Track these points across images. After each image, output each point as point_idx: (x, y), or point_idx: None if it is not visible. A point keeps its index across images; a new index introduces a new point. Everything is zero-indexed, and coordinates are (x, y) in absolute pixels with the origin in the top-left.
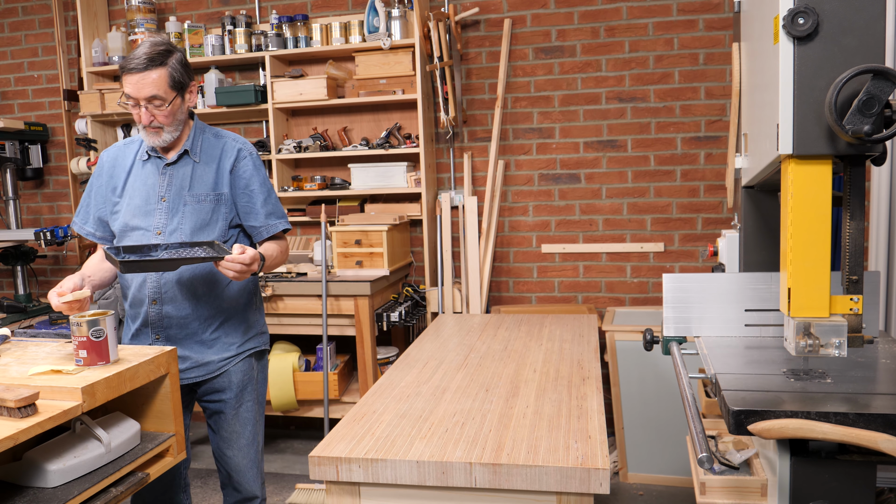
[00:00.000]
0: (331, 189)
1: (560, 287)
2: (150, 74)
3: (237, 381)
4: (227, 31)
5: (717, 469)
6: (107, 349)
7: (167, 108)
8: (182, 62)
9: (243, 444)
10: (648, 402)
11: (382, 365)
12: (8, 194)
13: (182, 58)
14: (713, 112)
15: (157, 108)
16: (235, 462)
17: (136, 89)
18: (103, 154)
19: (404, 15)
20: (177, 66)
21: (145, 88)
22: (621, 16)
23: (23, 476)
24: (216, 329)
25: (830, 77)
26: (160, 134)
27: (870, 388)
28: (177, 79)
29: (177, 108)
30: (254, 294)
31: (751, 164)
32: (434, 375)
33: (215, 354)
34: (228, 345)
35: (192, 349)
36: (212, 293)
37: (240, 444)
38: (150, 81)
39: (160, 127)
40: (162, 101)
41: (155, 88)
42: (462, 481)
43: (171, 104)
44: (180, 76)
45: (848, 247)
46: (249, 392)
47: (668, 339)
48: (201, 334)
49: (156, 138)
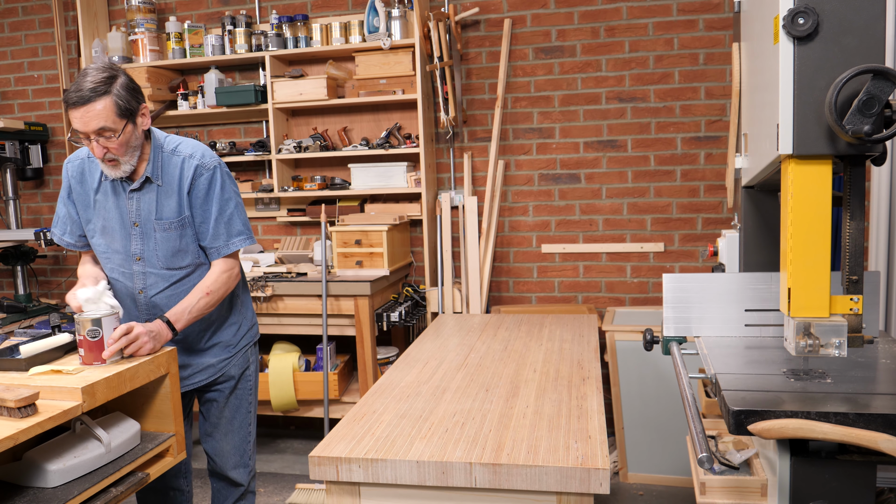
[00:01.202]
0: (331, 189)
1: (560, 287)
2: (94, 106)
3: (235, 374)
4: (227, 31)
5: (717, 469)
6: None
7: (119, 139)
8: (128, 87)
9: (230, 430)
10: (648, 402)
11: (382, 365)
12: (8, 194)
13: (127, 82)
14: (713, 112)
15: (108, 140)
16: (220, 446)
17: (82, 123)
18: (66, 165)
19: (404, 15)
20: (121, 93)
21: (92, 121)
22: (621, 16)
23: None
24: (210, 338)
25: (830, 77)
26: (118, 166)
27: (870, 388)
28: (123, 106)
29: (129, 136)
30: (237, 295)
31: (751, 164)
32: (434, 375)
33: (214, 357)
34: (224, 346)
35: (191, 357)
36: None
37: (227, 428)
38: (96, 113)
39: (116, 159)
40: (112, 131)
41: (102, 120)
42: (462, 481)
43: (123, 133)
44: (127, 102)
45: (848, 247)
46: (244, 381)
47: (668, 339)
48: (197, 345)
49: (115, 171)
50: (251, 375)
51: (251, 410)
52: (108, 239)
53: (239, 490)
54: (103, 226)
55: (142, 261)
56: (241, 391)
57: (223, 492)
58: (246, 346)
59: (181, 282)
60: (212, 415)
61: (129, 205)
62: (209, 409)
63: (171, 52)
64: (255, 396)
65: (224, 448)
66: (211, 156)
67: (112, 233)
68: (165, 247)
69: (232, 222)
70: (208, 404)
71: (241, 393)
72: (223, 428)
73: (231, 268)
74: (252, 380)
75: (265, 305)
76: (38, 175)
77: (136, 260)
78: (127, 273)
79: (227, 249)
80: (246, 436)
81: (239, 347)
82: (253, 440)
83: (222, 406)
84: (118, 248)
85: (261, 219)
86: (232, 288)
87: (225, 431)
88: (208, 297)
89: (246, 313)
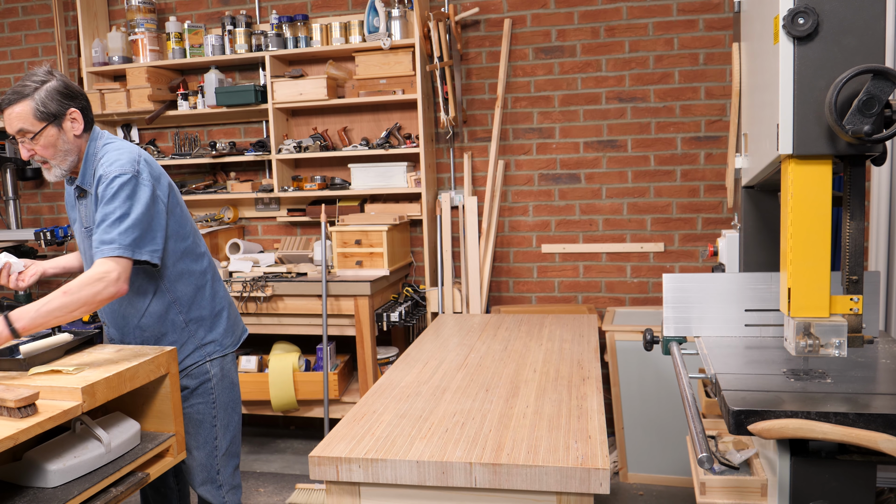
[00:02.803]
0: (331, 189)
1: (560, 287)
2: (13, 109)
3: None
4: (227, 31)
5: (717, 469)
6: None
7: (40, 141)
8: (54, 91)
9: (191, 445)
10: (648, 402)
11: (382, 365)
12: (8, 194)
13: (56, 86)
14: (713, 112)
15: (30, 142)
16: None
17: (7, 125)
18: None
19: (404, 15)
20: (43, 98)
21: (12, 123)
22: (621, 16)
23: (23, 476)
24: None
25: (830, 77)
26: (50, 169)
27: (870, 388)
28: (43, 110)
29: (54, 139)
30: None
31: (751, 164)
32: (434, 375)
33: None
34: None
35: None
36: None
37: (190, 444)
38: (15, 115)
39: (46, 161)
40: (30, 133)
41: (20, 122)
42: (462, 481)
43: (42, 136)
44: (46, 107)
45: (848, 247)
46: (201, 394)
47: (668, 339)
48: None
49: (48, 173)
50: (212, 390)
51: (216, 425)
52: (77, 241)
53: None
54: (75, 228)
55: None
56: (200, 405)
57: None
58: (195, 364)
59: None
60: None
61: (82, 210)
62: None
63: (171, 52)
64: (224, 412)
65: (188, 463)
66: (120, 166)
67: (78, 235)
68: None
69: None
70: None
71: (199, 407)
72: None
73: (103, 273)
74: (214, 394)
75: (265, 305)
76: (38, 175)
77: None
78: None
79: (98, 253)
80: (212, 451)
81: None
82: (225, 455)
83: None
84: (81, 251)
85: (261, 219)
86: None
87: (188, 447)
88: (64, 297)
89: (194, 332)
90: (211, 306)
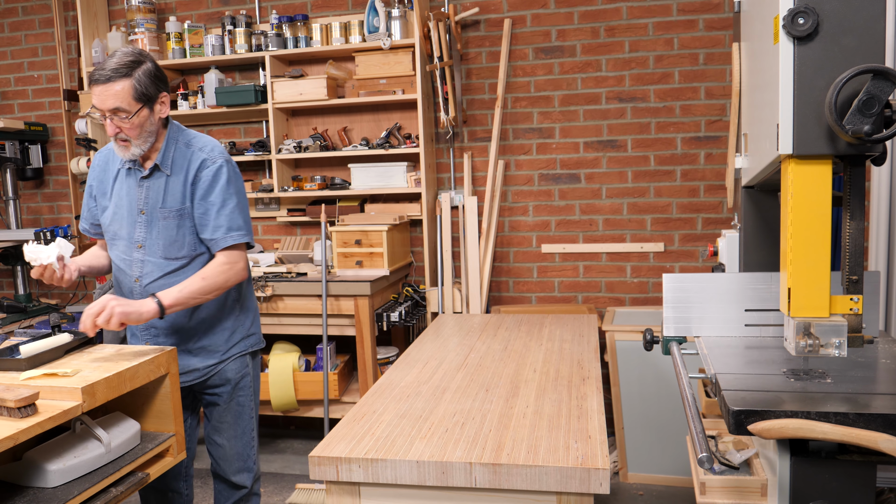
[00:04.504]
0: (331, 189)
1: (560, 287)
2: (112, 86)
3: (232, 378)
4: (227, 31)
5: (717, 469)
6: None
7: (132, 121)
8: (151, 73)
9: (232, 434)
10: (648, 402)
11: (382, 365)
12: (8, 194)
13: (151, 69)
14: (713, 112)
15: (121, 121)
16: (223, 450)
17: (100, 101)
18: (97, 154)
19: (404, 15)
20: (143, 78)
21: (108, 100)
22: (621, 16)
23: (23, 476)
24: (199, 339)
25: (830, 77)
26: (128, 147)
27: (870, 388)
28: (141, 90)
29: (143, 120)
30: (237, 301)
31: (751, 164)
32: (434, 375)
33: (200, 362)
34: (213, 352)
35: (181, 357)
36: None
37: (229, 433)
38: (113, 93)
39: (127, 140)
40: (126, 112)
41: (118, 100)
42: (462, 481)
43: (137, 116)
44: (146, 88)
45: (848, 247)
46: (243, 387)
47: (668, 339)
48: (185, 344)
49: (125, 152)
50: (249, 385)
51: (253, 416)
52: (117, 226)
53: (241, 492)
54: (114, 212)
55: (143, 248)
56: (242, 397)
57: (224, 493)
58: (238, 354)
59: (176, 272)
60: (214, 418)
61: (140, 192)
62: (211, 412)
63: (171, 52)
64: (257, 403)
65: (227, 452)
66: (221, 152)
67: (120, 220)
68: (164, 236)
69: (233, 217)
70: (210, 407)
71: (241, 399)
72: (225, 433)
73: (233, 262)
74: (251, 388)
75: (265, 305)
76: (38, 175)
77: (137, 247)
78: (127, 261)
79: (224, 242)
80: (249, 441)
81: (229, 355)
82: (256, 445)
83: (223, 410)
84: (123, 235)
85: (261, 219)
86: (232, 282)
87: (227, 436)
88: (203, 283)
89: (244, 321)
90: (252, 299)
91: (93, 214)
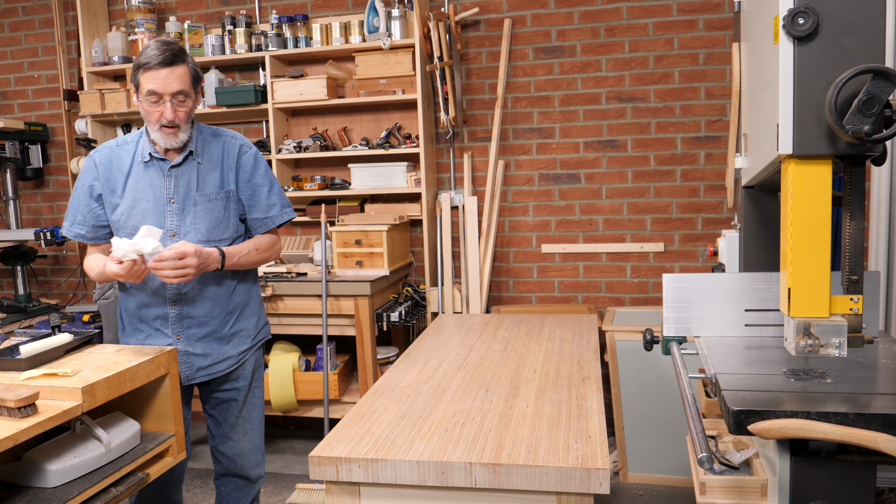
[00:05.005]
0: (331, 189)
1: (560, 287)
2: (177, 69)
3: (250, 370)
4: (227, 31)
5: (717, 469)
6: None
7: (189, 105)
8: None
9: (249, 429)
10: (648, 402)
11: (382, 365)
12: (8, 194)
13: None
14: (713, 112)
15: (180, 104)
16: (241, 447)
17: (163, 84)
18: (94, 155)
19: (404, 15)
20: (194, 65)
21: (173, 83)
22: (621, 16)
23: (23, 476)
24: (233, 324)
25: (830, 77)
26: (177, 134)
27: (870, 388)
28: (195, 75)
29: (192, 105)
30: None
31: (751, 164)
32: (434, 375)
33: (233, 349)
34: (244, 337)
35: (212, 346)
36: (225, 290)
37: (246, 428)
38: (178, 76)
39: (177, 126)
40: (186, 96)
41: (182, 83)
42: (462, 481)
43: (192, 101)
44: (196, 73)
45: (848, 247)
46: (258, 379)
47: (668, 339)
48: (220, 330)
49: (173, 139)
50: (261, 376)
51: (262, 408)
52: (137, 219)
53: (257, 485)
54: (132, 206)
55: (176, 236)
56: (256, 389)
57: (240, 491)
58: (259, 343)
59: None
60: (230, 416)
61: (168, 182)
62: (227, 410)
63: None
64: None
65: (245, 448)
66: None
67: (142, 212)
68: (208, 218)
69: (282, 195)
70: (225, 405)
71: (255, 391)
72: (242, 428)
73: (278, 238)
74: (262, 380)
75: (265, 305)
76: (38, 175)
77: (170, 236)
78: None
79: (280, 218)
80: (262, 433)
81: (256, 340)
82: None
83: (241, 406)
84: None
85: None
86: (275, 258)
87: (244, 431)
88: (256, 252)
89: (261, 310)
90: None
91: (95, 216)
